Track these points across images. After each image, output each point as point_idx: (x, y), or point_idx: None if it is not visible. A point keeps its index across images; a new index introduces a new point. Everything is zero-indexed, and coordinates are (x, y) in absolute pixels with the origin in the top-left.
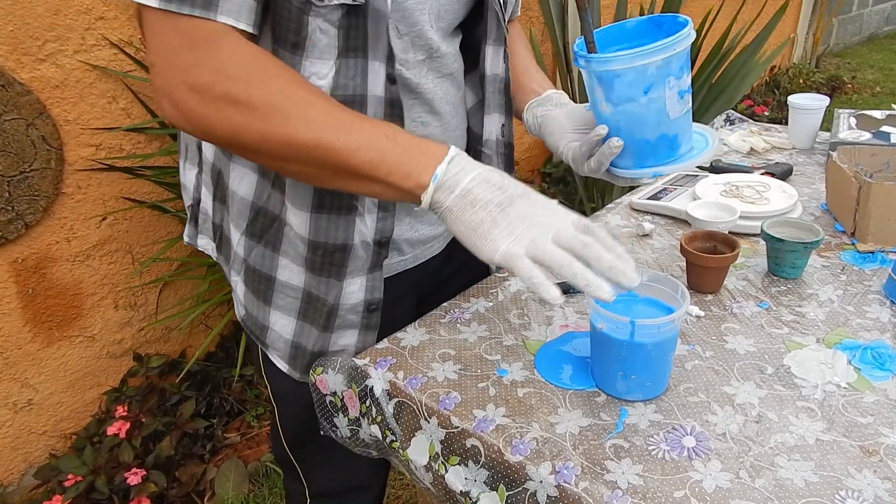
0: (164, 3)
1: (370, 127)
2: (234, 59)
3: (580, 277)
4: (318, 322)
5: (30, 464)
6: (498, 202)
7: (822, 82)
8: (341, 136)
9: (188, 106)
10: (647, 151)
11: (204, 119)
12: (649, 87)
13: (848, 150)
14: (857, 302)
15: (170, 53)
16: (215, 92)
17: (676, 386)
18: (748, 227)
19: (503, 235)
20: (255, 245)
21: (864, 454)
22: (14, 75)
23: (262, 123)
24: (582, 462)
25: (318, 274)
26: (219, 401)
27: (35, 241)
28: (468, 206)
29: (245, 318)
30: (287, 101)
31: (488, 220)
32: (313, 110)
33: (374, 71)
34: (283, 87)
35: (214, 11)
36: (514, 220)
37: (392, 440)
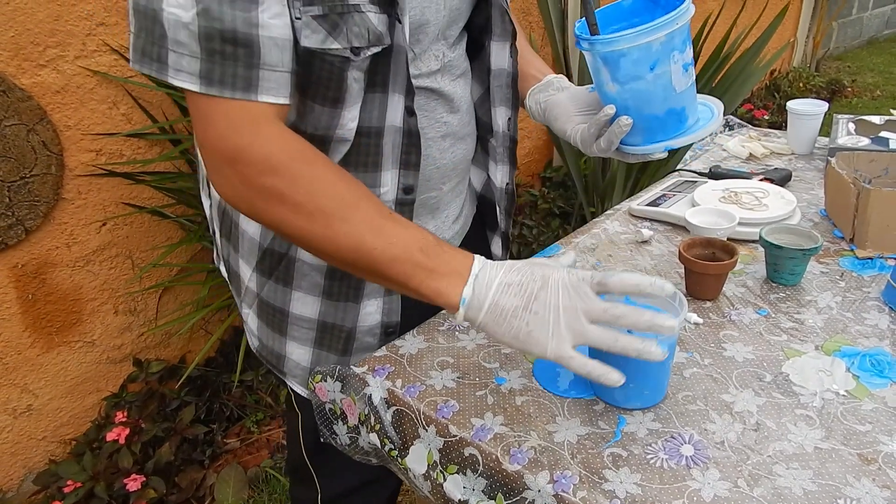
0: (205, 88)
1: (407, 237)
2: (278, 148)
3: (630, 350)
4: (335, 348)
5: (29, 469)
6: (524, 305)
7: (823, 86)
8: (379, 245)
9: (236, 189)
10: (655, 127)
11: (251, 203)
12: (655, 63)
13: (846, 155)
14: (856, 308)
15: (216, 137)
16: (261, 182)
17: (675, 394)
18: (747, 234)
19: (542, 334)
20: (267, 281)
21: (863, 462)
22: (15, 81)
23: (303, 222)
24: (580, 471)
25: (335, 300)
26: (219, 406)
27: (35, 247)
28: (500, 319)
29: (260, 349)
30: (330, 203)
31: (523, 327)
32: (356, 215)
33: (392, 104)
34: (327, 187)
35: (255, 92)
36: (544, 316)
37: (390, 448)
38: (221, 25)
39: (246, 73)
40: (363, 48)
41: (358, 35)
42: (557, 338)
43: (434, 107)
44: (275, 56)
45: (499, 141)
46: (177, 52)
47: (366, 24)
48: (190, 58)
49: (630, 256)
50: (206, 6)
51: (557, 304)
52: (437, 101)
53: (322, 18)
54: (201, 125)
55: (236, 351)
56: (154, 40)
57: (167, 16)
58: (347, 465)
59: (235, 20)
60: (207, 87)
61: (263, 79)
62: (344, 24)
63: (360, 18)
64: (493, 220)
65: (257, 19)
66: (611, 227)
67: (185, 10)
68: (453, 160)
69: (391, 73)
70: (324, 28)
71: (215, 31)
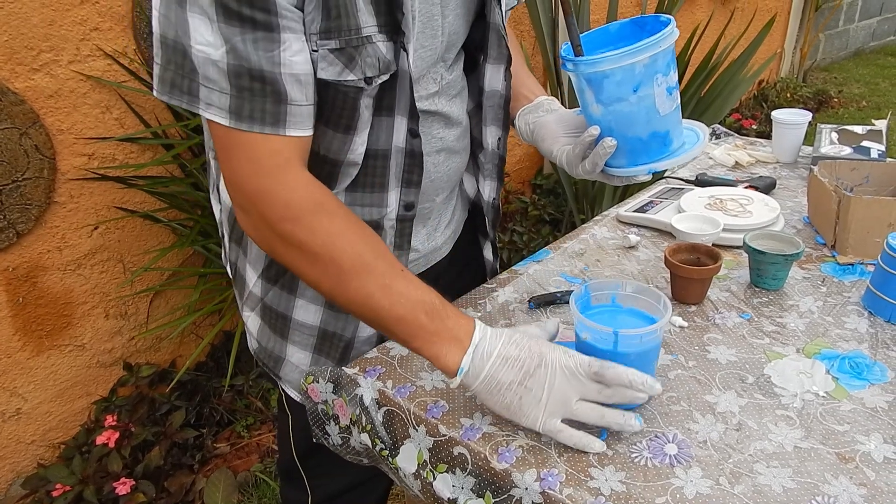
0: (234, 122)
1: (414, 298)
2: (300, 196)
3: (614, 425)
4: (333, 356)
5: (17, 473)
6: (519, 380)
7: (809, 96)
8: (386, 304)
9: (258, 228)
10: (639, 149)
11: (270, 243)
12: (638, 86)
13: (829, 164)
14: (837, 313)
15: (241, 177)
16: (281, 228)
17: (659, 395)
18: (731, 240)
19: (533, 410)
20: (272, 287)
21: (841, 461)
22: (8, 85)
23: (318, 272)
24: (566, 469)
25: (337, 311)
26: (209, 410)
27: (26, 250)
28: (494, 391)
29: (258, 351)
30: (346, 259)
31: (515, 400)
32: (369, 274)
33: (398, 126)
34: (345, 243)
35: (283, 127)
36: (537, 393)
37: (381, 448)
38: (249, 64)
39: (274, 108)
40: (375, 77)
41: (371, 65)
42: (548, 414)
43: (430, 124)
44: (298, 92)
45: (487, 158)
46: (207, 87)
47: (377, 54)
48: (220, 93)
49: (617, 261)
50: (234, 46)
51: (553, 384)
52: (434, 119)
53: (339, 52)
54: (228, 163)
55: (227, 355)
56: (185, 74)
57: (196, 52)
58: (338, 467)
59: (261, 60)
60: (237, 122)
61: (290, 114)
62: (359, 55)
63: (373, 49)
64: (483, 227)
65: (279, 58)
66: (599, 233)
67: (215, 48)
68: (447, 173)
69: (397, 97)
70: (340, 61)
71: (244, 70)
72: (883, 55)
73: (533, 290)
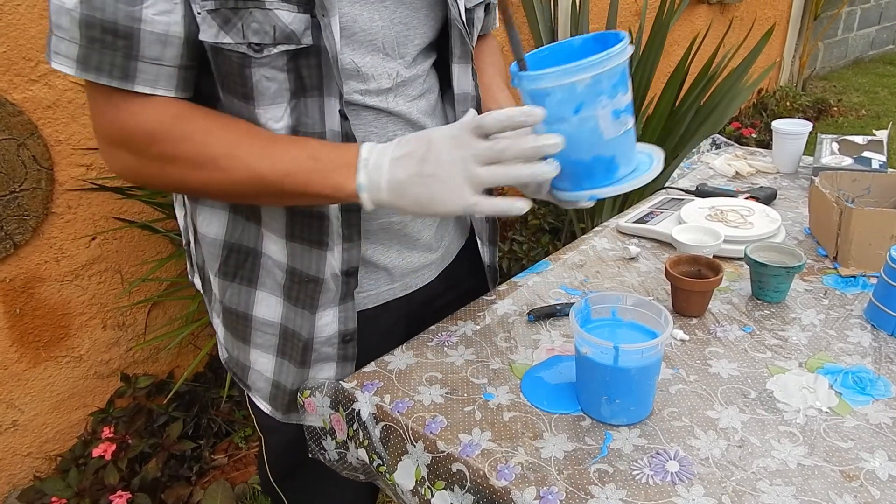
0: (80, 72)
1: (294, 151)
2: (157, 118)
3: (524, 176)
4: (295, 358)
5: (13, 486)
6: (417, 171)
7: (809, 105)
8: (269, 167)
9: (129, 165)
10: (582, 173)
11: (147, 176)
12: (580, 107)
13: (830, 175)
14: (839, 326)
15: (103, 120)
16: (151, 153)
17: (660, 410)
18: (732, 252)
19: (443, 193)
20: (230, 284)
21: (845, 479)
22: (6, 96)
23: (199, 173)
24: (566, 487)
25: (294, 304)
26: (206, 422)
27: (24, 261)
28: (401, 192)
29: (228, 361)
30: (217, 148)
31: (424, 191)
32: (240, 149)
33: (329, 108)
34: (209, 136)
35: (132, 82)
36: (438, 174)
37: (379, 464)
38: (102, 16)
39: (124, 62)
40: (266, 45)
41: (258, 31)
42: (458, 191)
43: (385, 124)
44: (156, 50)
45: None
46: (58, 35)
47: (271, 22)
48: (69, 42)
49: (617, 273)
50: None
51: (448, 159)
52: (389, 120)
53: (215, 13)
54: (92, 112)
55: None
56: (49, 26)
57: (53, 1)
58: (319, 489)
59: (117, 13)
60: (84, 71)
61: (141, 70)
62: (239, 19)
63: (263, 15)
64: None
65: (140, 14)
66: (599, 244)
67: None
68: None
69: (324, 75)
70: (216, 22)
71: (96, 21)
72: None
73: (533, 302)
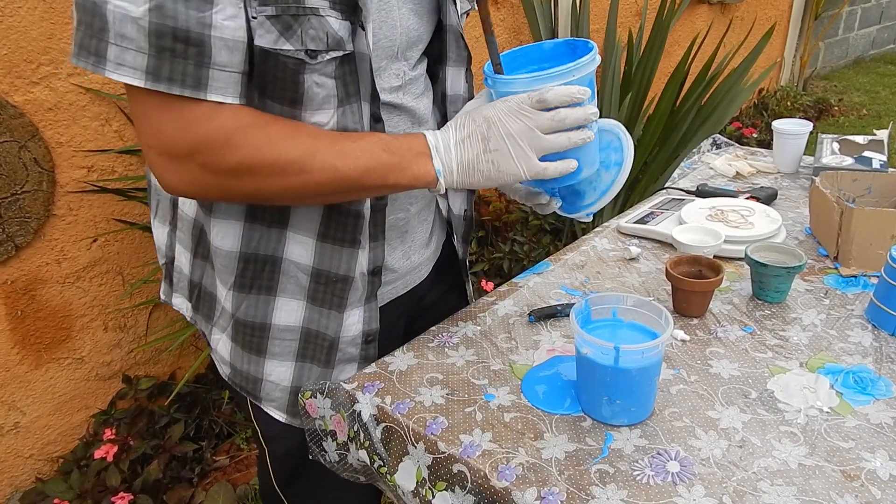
0: (151, 83)
1: (368, 147)
2: (234, 126)
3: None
4: (319, 359)
5: (15, 488)
6: (483, 149)
7: (810, 105)
8: (350, 165)
9: (204, 181)
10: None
11: (221, 188)
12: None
13: (830, 175)
14: (840, 326)
15: (171, 136)
16: (228, 163)
17: (661, 410)
18: (733, 252)
19: (509, 164)
20: (246, 296)
21: (846, 479)
22: (7, 98)
23: (280, 180)
24: (567, 488)
25: (319, 305)
26: (208, 423)
27: (25, 263)
28: (471, 171)
29: (232, 376)
30: (295, 152)
31: (492, 168)
32: (319, 151)
33: (365, 111)
34: (286, 140)
35: (204, 91)
36: (503, 149)
37: (380, 465)
38: (175, 24)
39: (196, 71)
40: (320, 52)
41: (314, 38)
42: (524, 159)
43: (397, 122)
44: (225, 57)
45: None
46: (120, 45)
47: (324, 28)
48: (136, 53)
49: (618, 273)
50: (160, 3)
51: (510, 132)
52: (401, 117)
53: (275, 19)
54: (151, 127)
55: None
56: (93, 34)
57: (112, 9)
58: (322, 494)
59: (189, 20)
60: (154, 82)
61: (213, 78)
62: (298, 26)
63: (318, 22)
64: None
65: (211, 20)
66: (599, 245)
67: (136, 4)
68: None
69: (360, 81)
70: (276, 28)
71: (167, 29)
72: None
73: (533, 302)
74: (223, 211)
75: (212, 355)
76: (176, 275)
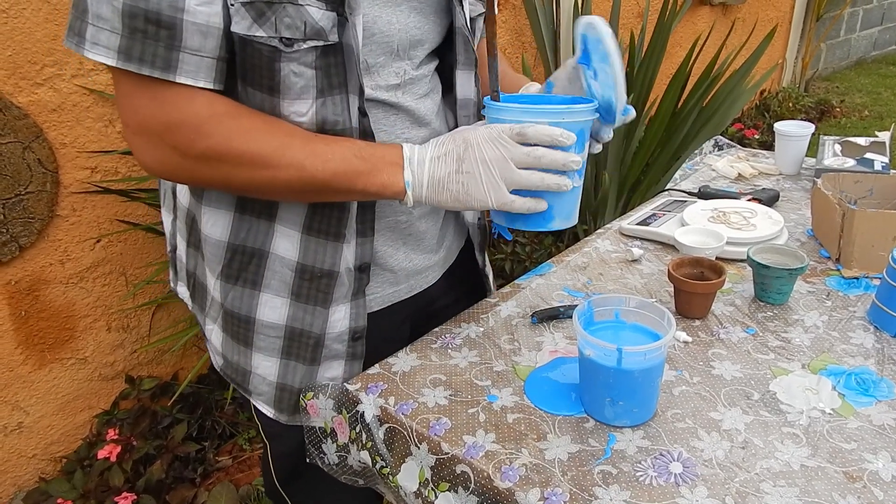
0: (122, 63)
1: (340, 151)
2: (207, 113)
3: (552, 185)
4: (303, 356)
5: (19, 487)
6: (455, 169)
7: (812, 106)
8: (318, 166)
9: (172, 162)
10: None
11: (191, 172)
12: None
13: (832, 176)
14: (842, 328)
15: (143, 116)
16: (197, 148)
17: (664, 412)
18: (735, 253)
19: (478, 189)
20: (232, 287)
21: (849, 480)
22: (11, 99)
23: (247, 171)
24: (570, 489)
25: (304, 302)
26: (211, 423)
27: (29, 264)
28: (440, 189)
29: (224, 367)
30: (265, 147)
31: (461, 189)
32: (290, 150)
33: (352, 104)
34: (257, 134)
35: (174, 73)
36: (475, 172)
37: (382, 466)
38: (146, 6)
39: (166, 53)
40: (297, 40)
41: (290, 26)
42: (494, 188)
43: (394, 122)
44: (197, 41)
45: None
46: (96, 25)
47: (302, 17)
48: (110, 33)
49: (620, 275)
50: None
51: (484, 158)
52: (398, 116)
53: (249, 5)
54: (128, 105)
55: None
56: (77, 14)
57: None
58: (324, 492)
59: (161, 3)
60: (125, 62)
61: (183, 61)
62: (273, 13)
63: (296, 10)
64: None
65: (184, 4)
66: (602, 246)
67: None
68: None
69: (346, 73)
70: (250, 15)
71: (140, 11)
72: (885, 65)
73: (536, 304)
74: (214, 200)
75: (207, 346)
76: (178, 263)
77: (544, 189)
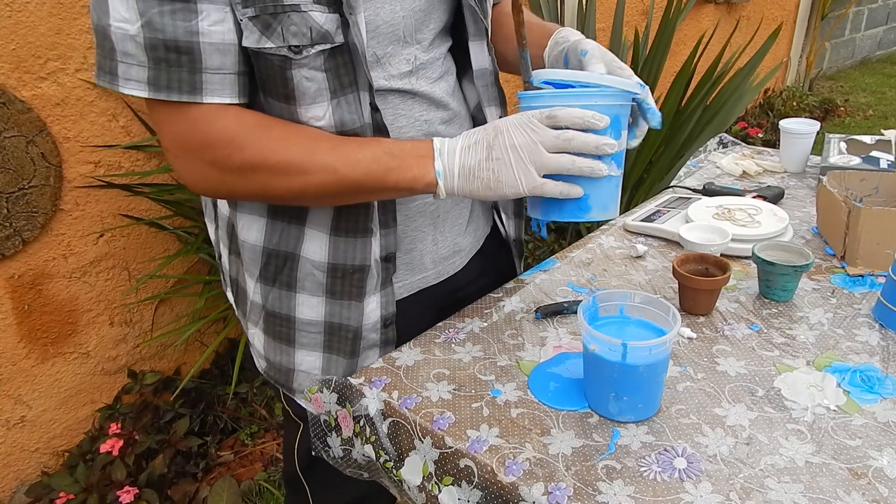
0: (153, 93)
1: (370, 150)
2: (237, 127)
3: (585, 169)
4: (343, 350)
5: (21, 481)
6: (486, 156)
7: (816, 105)
8: (350, 167)
9: (213, 178)
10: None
11: (231, 186)
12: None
13: (838, 174)
14: (847, 325)
15: (180, 136)
16: (234, 162)
17: (668, 407)
18: (740, 250)
19: (509, 175)
20: (271, 289)
21: (853, 477)
22: (15, 93)
23: (282, 180)
24: (574, 483)
25: (339, 298)
26: (213, 418)
27: (32, 258)
28: (471, 177)
29: (267, 370)
30: (297, 154)
31: (491, 175)
32: (320, 154)
33: (364, 101)
34: (288, 143)
35: (200, 95)
36: (505, 159)
37: (386, 460)
38: (164, 36)
39: (190, 77)
40: (305, 46)
41: (297, 34)
42: (524, 173)
43: (411, 106)
44: (216, 60)
45: None
46: (125, 63)
47: (307, 23)
48: (138, 67)
49: (625, 271)
50: (150, 19)
51: (514, 143)
52: (414, 101)
53: (255, 19)
54: (165, 130)
55: (231, 363)
56: (106, 54)
57: (115, 30)
58: (342, 480)
59: (177, 30)
60: (156, 92)
61: (207, 81)
62: (278, 24)
63: (300, 17)
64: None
65: (198, 28)
66: (606, 242)
67: (131, 23)
68: None
69: (355, 71)
70: (257, 28)
71: (159, 41)
72: (889, 64)
73: (540, 299)
74: (247, 205)
75: (251, 350)
76: (223, 270)
77: (577, 173)
